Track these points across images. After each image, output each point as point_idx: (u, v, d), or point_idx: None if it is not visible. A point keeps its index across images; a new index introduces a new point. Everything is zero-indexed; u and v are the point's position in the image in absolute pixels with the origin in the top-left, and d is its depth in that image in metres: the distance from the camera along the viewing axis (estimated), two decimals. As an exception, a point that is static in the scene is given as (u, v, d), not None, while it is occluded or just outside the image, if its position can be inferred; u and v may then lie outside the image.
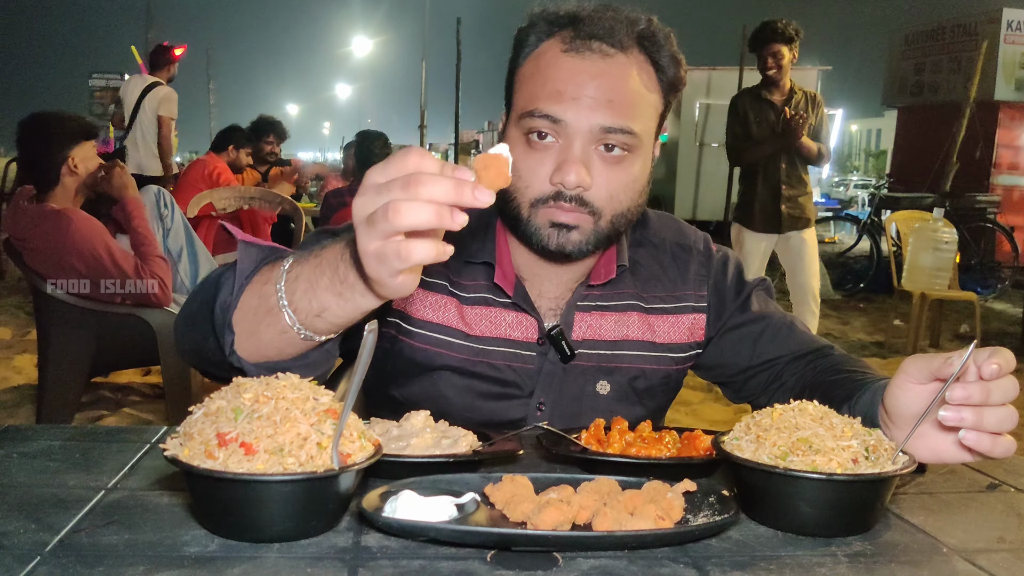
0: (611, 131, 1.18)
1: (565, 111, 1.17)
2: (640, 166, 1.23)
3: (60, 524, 0.82)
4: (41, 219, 2.96)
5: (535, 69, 1.22)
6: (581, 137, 1.18)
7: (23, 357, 4.90)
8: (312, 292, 0.94)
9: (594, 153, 1.19)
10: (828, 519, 0.86)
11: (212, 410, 0.81)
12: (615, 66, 1.19)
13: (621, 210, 1.23)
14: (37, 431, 1.14)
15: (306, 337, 0.98)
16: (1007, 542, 0.89)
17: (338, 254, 0.93)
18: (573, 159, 1.17)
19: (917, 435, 0.96)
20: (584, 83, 1.18)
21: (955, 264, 6.30)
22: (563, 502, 0.85)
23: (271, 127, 6.88)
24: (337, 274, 0.92)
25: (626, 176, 1.21)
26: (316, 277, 0.94)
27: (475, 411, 1.29)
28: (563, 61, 1.20)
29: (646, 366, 1.34)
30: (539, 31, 1.24)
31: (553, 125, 1.18)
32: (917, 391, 0.96)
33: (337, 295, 0.93)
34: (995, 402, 0.90)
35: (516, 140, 1.22)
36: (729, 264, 1.42)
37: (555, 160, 1.19)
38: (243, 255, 1.03)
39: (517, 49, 1.26)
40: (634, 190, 1.23)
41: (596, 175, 1.19)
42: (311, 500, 0.80)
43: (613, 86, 1.18)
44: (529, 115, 1.19)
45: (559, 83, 1.19)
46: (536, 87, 1.21)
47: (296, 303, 0.95)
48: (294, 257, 0.99)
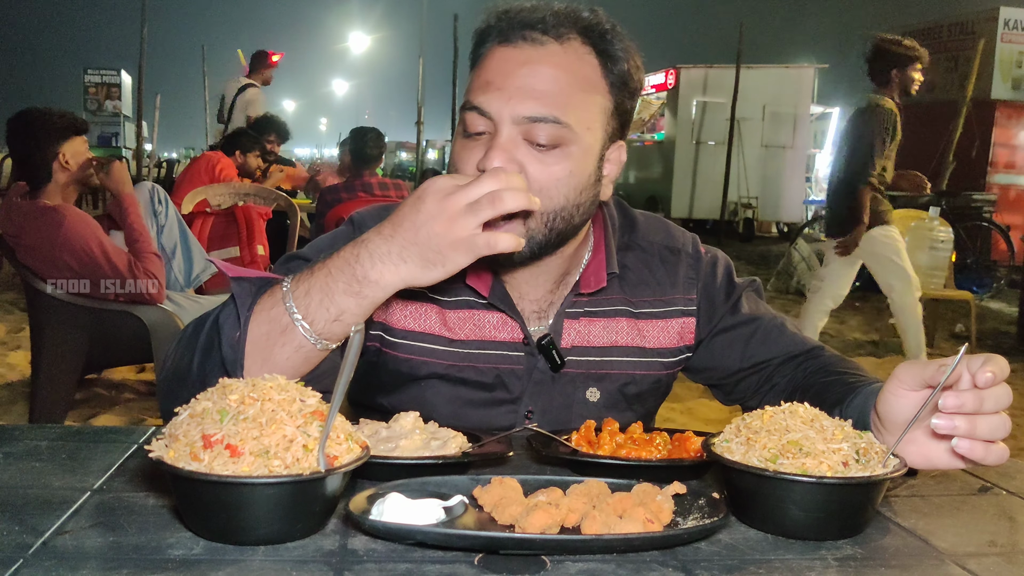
0: (537, 120, 1.13)
1: (491, 101, 1.15)
2: (577, 162, 1.17)
3: (44, 526, 0.81)
4: (34, 215, 2.96)
5: (478, 66, 1.21)
6: (507, 126, 1.14)
7: (16, 354, 4.88)
8: (329, 298, 1.02)
9: (523, 145, 1.15)
10: (818, 522, 0.86)
11: (198, 411, 0.81)
12: (546, 55, 1.16)
13: (554, 207, 1.17)
14: (24, 431, 1.13)
15: (322, 347, 1.04)
16: (998, 545, 0.88)
17: (349, 259, 1.02)
18: (495, 145, 1.13)
19: (909, 440, 0.96)
20: (510, 72, 1.15)
21: (951, 263, 6.30)
22: (552, 505, 0.84)
23: (274, 126, 6.87)
24: (355, 275, 1.01)
25: (559, 170, 1.15)
26: (330, 284, 1.02)
27: (463, 419, 1.27)
28: (496, 53, 1.19)
29: (636, 372, 1.33)
30: (491, 31, 1.21)
31: (482, 117, 1.16)
32: (910, 397, 0.96)
33: (356, 295, 1.02)
34: (988, 410, 0.89)
35: (457, 134, 1.21)
36: (718, 266, 1.40)
37: (484, 150, 1.15)
38: (238, 290, 1.07)
39: (473, 51, 1.24)
40: (570, 186, 1.17)
41: (525, 168, 1.14)
42: (297, 502, 0.79)
43: (542, 74, 1.15)
44: (463, 108, 1.19)
45: (489, 73, 1.17)
46: (473, 80, 1.20)
47: (312, 314, 1.02)
48: (290, 278, 1.05)
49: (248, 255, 4.43)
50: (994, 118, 11.50)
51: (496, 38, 1.20)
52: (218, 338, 1.06)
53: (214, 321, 1.08)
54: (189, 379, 1.07)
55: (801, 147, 15.52)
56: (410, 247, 1.00)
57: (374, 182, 4.87)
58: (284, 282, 1.05)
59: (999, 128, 11.64)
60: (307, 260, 1.24)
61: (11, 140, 3.11)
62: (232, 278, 1.08)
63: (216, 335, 1.07)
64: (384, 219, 1.03)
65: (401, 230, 1.00)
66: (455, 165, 1.20)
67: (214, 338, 1.07)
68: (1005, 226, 9.80)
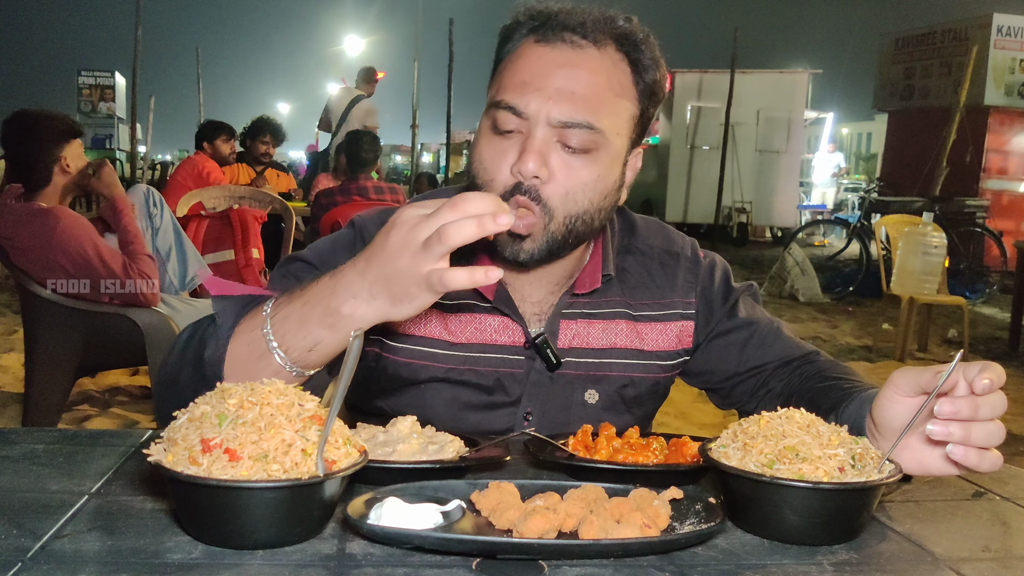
0: (571, 125, 1.14)
1: (528, 103, 1.14)
2: (605, 167, 1.18)
3: (42, 530, 0.81)
4: (29, 218, 2.95)
5: (510, 61, 1.21)
6: (542, 128, 1.14)
7: (9, 356, 4.87)
8: (305, 328, 1.01)
9: (555, 147, 1.15)
10: (814, 527, 0.86)
11: (196, 416, 0.81)
12: (584, 58, 1.16)
13: (577, 211, 1.17)
14: (21, 434, 1.13)
15: (297, 374, 1.04)
16: (992, 551, 0.89)
17: (326, 291, 1.00)
18: (531, 148, 1.13)
19: (904, 446, 0.96)
20: (549, 72, 1.15)
21: (944, 268, 6.32)
22: (549, 510, 0.84)
23: (269, 127, 6.89)
24: (329, 308, 0.99)
25: (587, 175, 1.16)
26: (307, 313, 1.01)
27: (462, 421, 1.27)
28: (533, 51, 1.18)
29: (635, 374, 1.33)
30: (520, 28, 1.22)
31: (516, 116, 1.15)
32: (906, 403, 0.97)
33: (330, 327, 1.00)
34: (983, 417, 0.90)
35: (484, 131, 1.20)
36: (716, 270, 1.40)
37: (517, 151, 1.15)
38: (219, 308, 1.08)
39: (500, 45, 1.24)
40: (595, 191, 1.18)
41: (555, 170, 1.15)
42: (295, 507, 0.79)
43: (579, 77, 1.15)
44: (495, 106, 1.17)
45: (526, 73, 1.17)
46: (506, 77, 1.19)
47: (288, 343, 1.02)
48: (274, 299, 1.05)
49: (243, 258, 4.43)
50: (987, 124, 11.57)
51: (531, 35, 1.19)
52: (202, 355, 1.07)
53: (200, 337, 1.09)
54: (179, 388, 1.08)
55: (795, 152, 15.57)
56: (380, 283, 0.97)
57: (369, 186, 4.87)
58: (266, 305, 1.05)
59: (992, 134, 11.71)
60: (307, 263, 1.26)
61: (8, 142, 3.08)
62: (213, 297, 1.08)
63: (201, 351, 1.08)
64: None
65: (371, 265, 0.97)
66: (484, 165, 1.19)
67: (200, 354, 1.08)
68: (998, 231, 9.84)
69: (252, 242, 4.53)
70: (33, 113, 3.11)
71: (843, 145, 25.02)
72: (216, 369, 1.05)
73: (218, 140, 6.26)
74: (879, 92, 14.19)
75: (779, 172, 15.21)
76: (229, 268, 4.45)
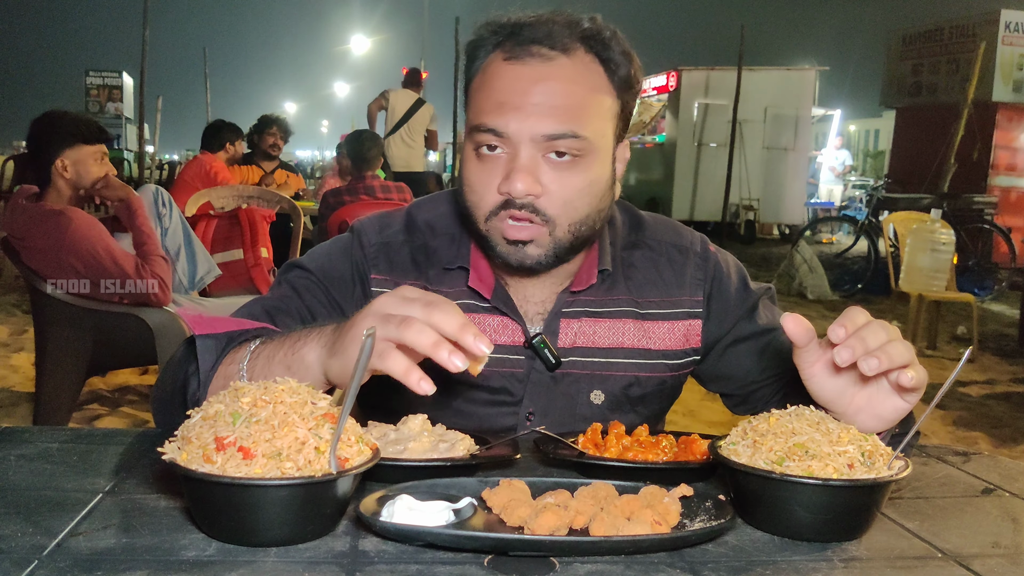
0: (557, 137, 1.14)
1: (508, 123, 1.15)
2: (597, 170, 1.19)
3: (58, 528, 0.82)
4: (40, 218, 2.95)
5: (482, 82, 1.21)
6: (526, 146, 1.15)
7: (20, 356, 4.89)
8: (269, 366, 1.03)
9: (544, 160, 1.16)
10: (824, 524, 0.87)
11: (210, 414, 0.82)
12: (557, 69, 1.16)
13: (579, 217, 1.19)
14: (35, 433, 1.14)
15: None
16: (1002, 547, 0.89)
17: (300, 336, 1.03)
18: (518, 168, 1.14)
19: (856, 411, 1.00)
20: (525, 90, 1.15)
21: (952, 265, 6.31)
22: (560, 507, 0.85)
23: (275, 121, 6.92)
24: (293, 349, 1.02)
25: (581, 181, 1.18)
26: (273, 352, 1.04)
27: (465, 418, 1.28)
28: (505, 70, 1.18)
29: (640, 373, 1.32)
30: (485, 43, 1.21)
31: (498, 138, 1.16)
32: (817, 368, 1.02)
33: (287, 367, 1.01)
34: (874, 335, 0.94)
35: (468, 154, 1.21)
36: (730, 268, 1.39)
37: (504, 171, 1.16)
38: (202, 348, 1.10)
39: (468, 63, 1.24)
40: (592, 195, 1.19)
41: (548, 183, 1.16)
42: (309, 504, 0.80)
43: (556, 90, 1.15)
44: (476, 129, 1.18)
45: (501, 94, 1.17)
46: (481, 100, 1.19)
47: (255, 377, 1.02)
48: (257, 342, 1.07)
49: (252, 257, 4.44)
50: (995, 120, 11.51)
51: (498, 52, 1.20)
52: (185, 394, 1.11)
53: (184, 379, 1.12)
54: (171, 411, 1.12)
55: (802, 149, 15.52)
56: (339, 339, 0.97)
57: (376, 184, 4.88)
58: (251, 343, 1.07)
59: (1000, 130, 11.65)
60: (305, 269, 1.30)
61: (27, 140, 3.11)
62: (197, 336, 1.10)
63: (185, 390, 1.11)
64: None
65: (341, 326, 0.99)
66: (472, 188, 1.20)
67: (184, 392, 1.11)
68: (1006, 228, 9.79)
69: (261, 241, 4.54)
70: (53, 113, 3.11)
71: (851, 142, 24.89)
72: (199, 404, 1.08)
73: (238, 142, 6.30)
74: (887, 89, 14.13)
75: (787, 169, 15.16)
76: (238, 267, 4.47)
